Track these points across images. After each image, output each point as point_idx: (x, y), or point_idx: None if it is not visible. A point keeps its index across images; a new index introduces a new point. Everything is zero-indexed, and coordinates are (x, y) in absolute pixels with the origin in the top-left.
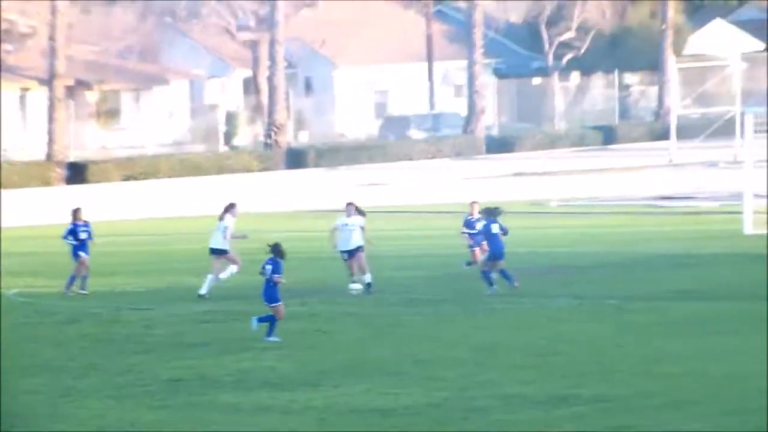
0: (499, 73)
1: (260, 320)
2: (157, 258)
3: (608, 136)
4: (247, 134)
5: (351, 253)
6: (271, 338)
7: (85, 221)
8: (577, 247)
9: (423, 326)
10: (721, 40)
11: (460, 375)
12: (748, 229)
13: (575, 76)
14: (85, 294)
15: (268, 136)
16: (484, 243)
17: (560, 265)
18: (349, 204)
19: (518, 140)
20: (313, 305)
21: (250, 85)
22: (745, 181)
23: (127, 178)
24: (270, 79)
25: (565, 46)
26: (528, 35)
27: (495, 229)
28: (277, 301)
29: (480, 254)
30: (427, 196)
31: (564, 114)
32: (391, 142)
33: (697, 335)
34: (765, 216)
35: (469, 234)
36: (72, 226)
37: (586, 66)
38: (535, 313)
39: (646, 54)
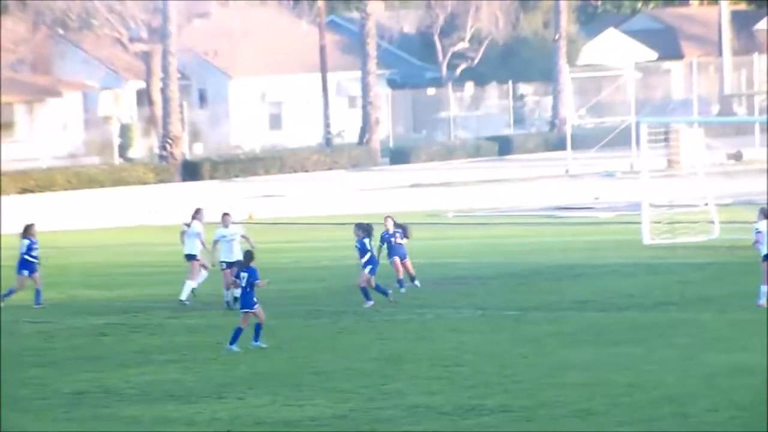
0: (393, 84)
1: (255, 339)
2: (55, 271)
3: (504, 146)
4: (142, 146)
5: (231, 265)
6: (258, 343)
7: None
8: (476, 257)
9: (325, 337)
10: (614, 49)
11: (364, 386)
12: (647, 239)
13: (469, 87)
14: None
15: (163, 148)
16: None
17: (459, 276)
18: (226, 214)
19: (414, 151)
20: (212, 317)
21: (144, 97)
22: (642, 191)
23: (22, 191)
24: (163, 90)
25: (459, 56)
26: (421, 45)
27: (368, 245)
28: (254, 305)
29: (400, 266)
30: (323, 208)
31: (459, 125)
32: (285, 153)
33: (598, 345)
34: (662, 225)
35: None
36: (29, 242)
37: (480, 76)
38: (437, 323)
39: (540, 64)
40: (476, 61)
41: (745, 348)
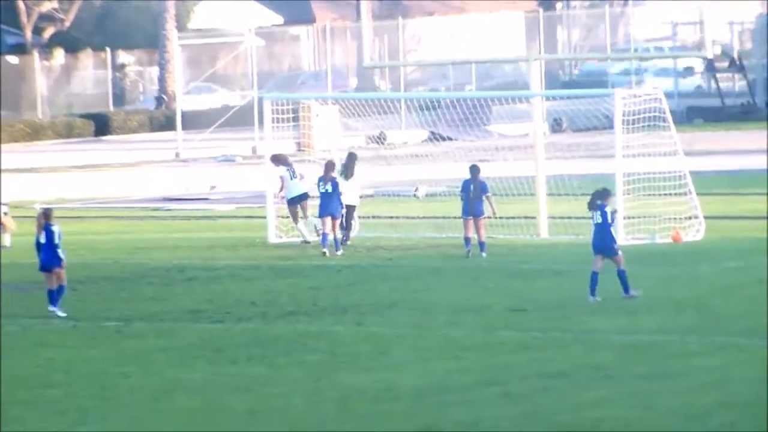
0: None
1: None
2: None
3: (101, 125)
4: None
5: None
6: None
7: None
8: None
9: None
10: (232, 13)
11: None
12: (273, 236)
13: (60, 54)
14: None
15: None
16: None
17: None
18: None
19: None
20: None
21: None
22: (266, 180)
23: None
24: None
25: (47, 18)
26: (0, 5)
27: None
28: None
29: None
30: None
31: (48, 99)
32: None
33: (214, 362)
34: (291, 220)
35: None
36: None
37: (72, 42)
38: (21, 337)
39: (144, 28)
40: (68, 24)
41: (388, 366)
